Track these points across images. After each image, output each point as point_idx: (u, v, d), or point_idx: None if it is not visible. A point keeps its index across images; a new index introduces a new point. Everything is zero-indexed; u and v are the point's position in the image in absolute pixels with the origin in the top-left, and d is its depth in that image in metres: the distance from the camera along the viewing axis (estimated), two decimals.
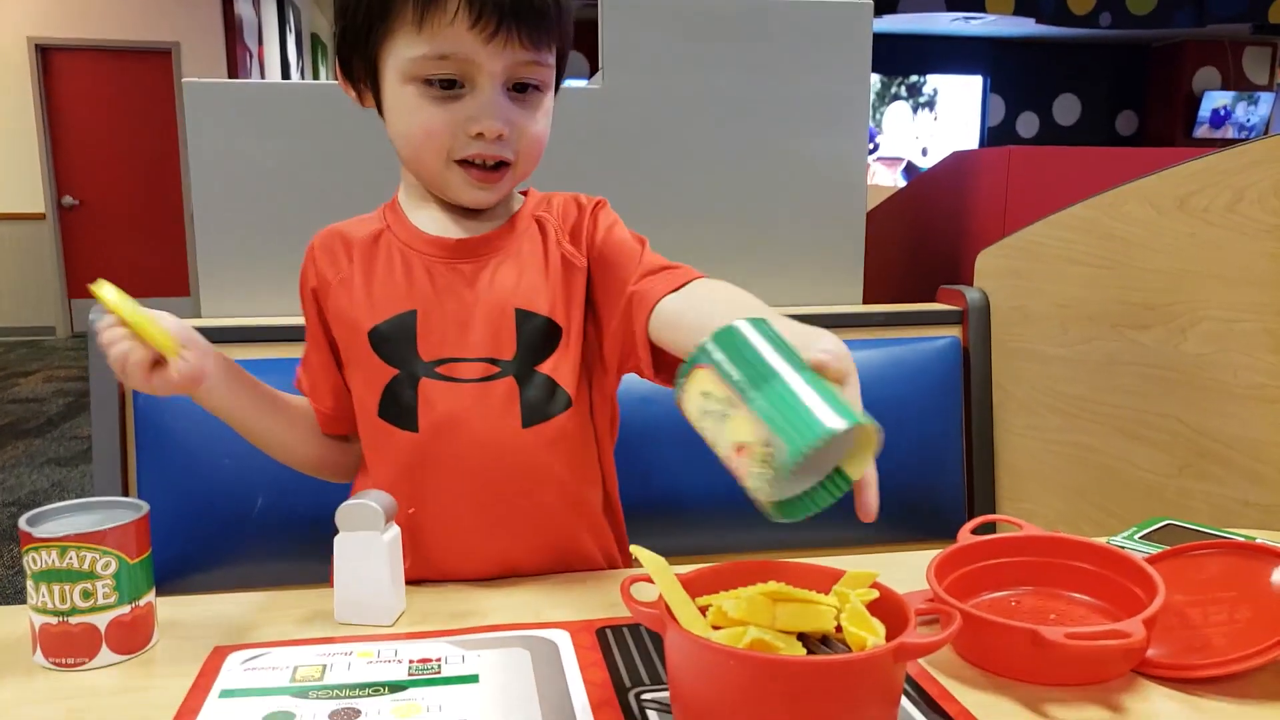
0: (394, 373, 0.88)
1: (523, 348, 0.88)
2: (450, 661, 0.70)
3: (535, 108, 0.86)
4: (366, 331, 0.89)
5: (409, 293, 0.89)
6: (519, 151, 0.86)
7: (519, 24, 0.80)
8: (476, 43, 0.80)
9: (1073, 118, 11.26)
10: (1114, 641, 0.66)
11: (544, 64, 0.84)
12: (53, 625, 0.69)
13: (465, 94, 0.82)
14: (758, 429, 0.59)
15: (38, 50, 7.19)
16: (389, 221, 0.93)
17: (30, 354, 6.74)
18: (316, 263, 0.94)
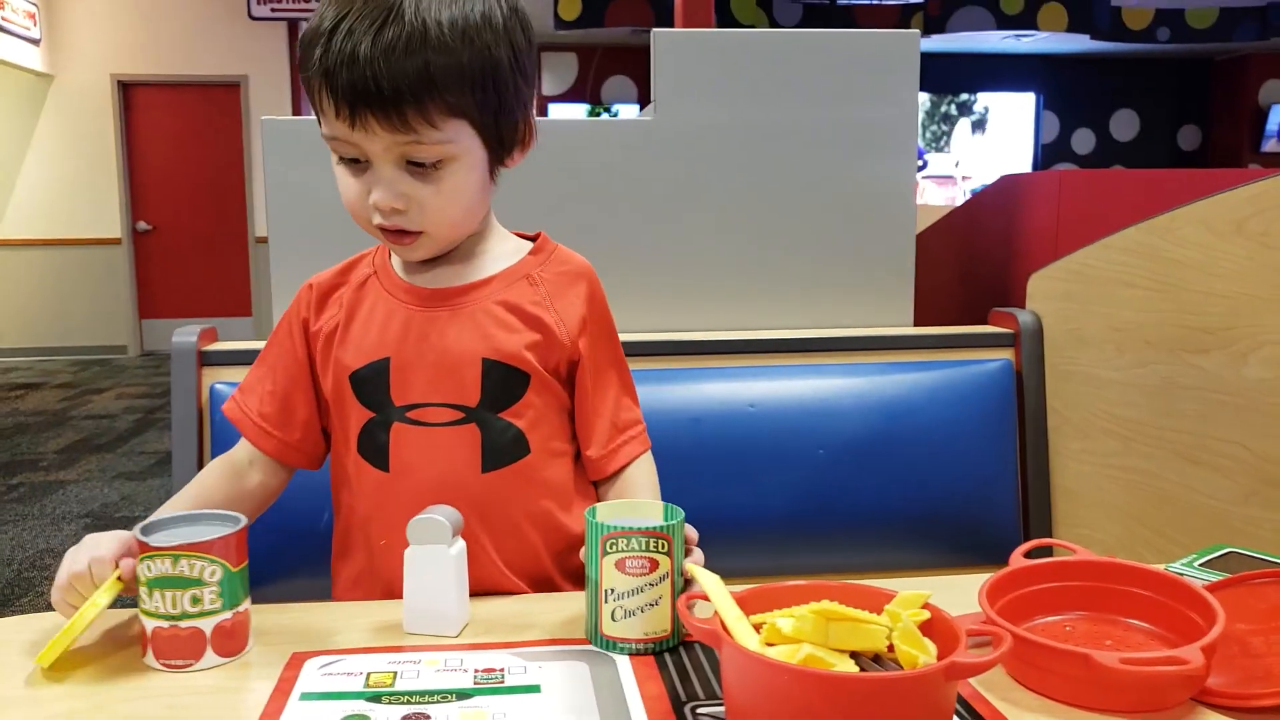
0: (371, 415, 0.94)
1: (486, 395, 0.93)
2: (513, 672, 0.73)
3: (435, 182, 0.86)
4: (348, 375, 0.94)
5: (384, 340, 0.94)
6: (423, 223, 0.88)
7: (374, 113, 0.81)
8: (345, 128, 0.83)
9: (1131, 133, 11.07)
10: (1170, 668, 0.65)
11: (430, 142, 0.84)
12: (164, 629, 0.74)
13: (369, 167, 0.86)
14: None
15: (119, 85, 7.49)
16: (376, 266, 0.98)
17: (103, 372, 6.96)
18: (315, 308, 0.99)
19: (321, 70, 0.81)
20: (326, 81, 0.81)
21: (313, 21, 0.84)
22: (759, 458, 1.30)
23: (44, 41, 7.28)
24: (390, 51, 0.80)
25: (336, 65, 0.80)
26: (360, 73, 0.80)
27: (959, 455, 1.34)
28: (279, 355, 0.99)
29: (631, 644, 0.76)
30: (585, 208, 1.50)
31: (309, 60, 0.83)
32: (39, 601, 2.86)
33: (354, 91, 0.80)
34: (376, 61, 0.80)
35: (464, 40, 0.83)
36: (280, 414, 0.98)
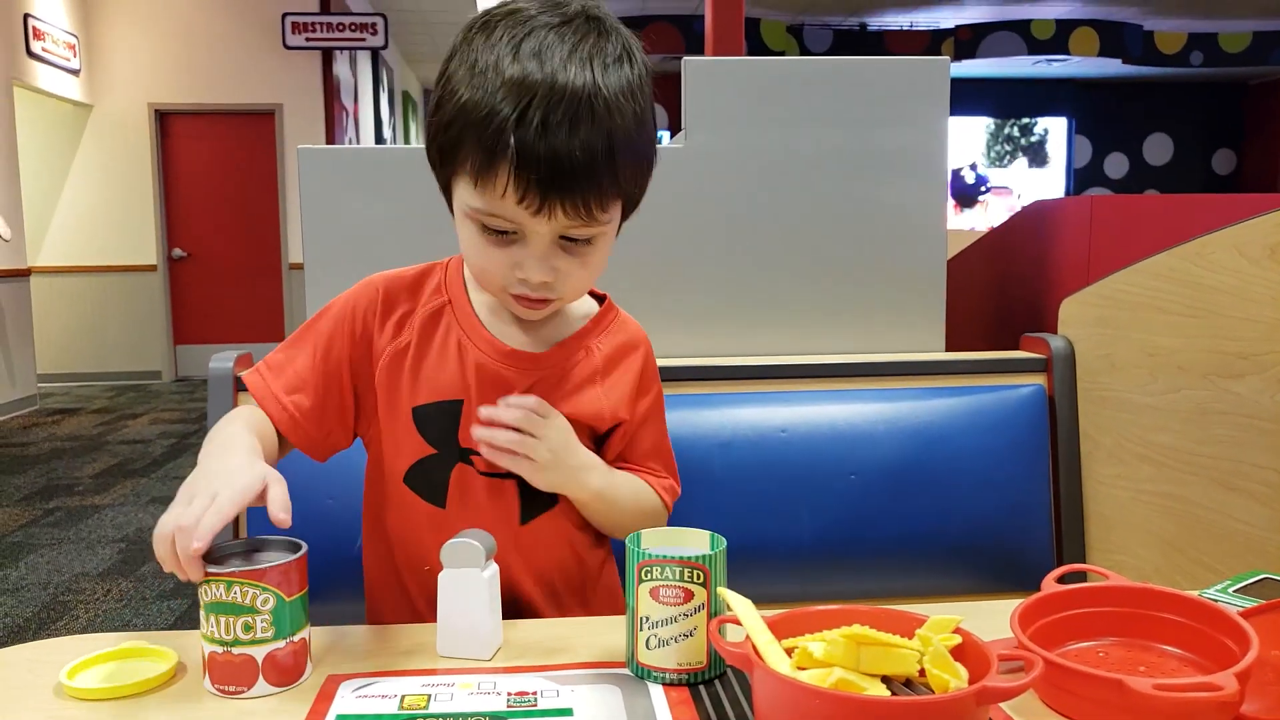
0: (432, 451, 0.95)
1: None
2: (546, 695, 0.73)
3: (586, 255, 0.88)
4: (411, 407, 0.95)
5: (460, 382, 0.95)
6: (563, 292, 0.90)
7: (564, 201, 0.82)
8: (524, 214, 0.83)
9: (1165, 158, 11.01)
10: (1205, 695, 0.65)
11: (598, 223, 0.86)
12: (218, 654, 0.75)
13: (517, 240, 0.86)
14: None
15: (156, 114, 7.66)
16: (450, 296, 0.98)
17: (138, 397, 7.06)
18: (379, 313, 0.97)
19: (515, 158, 0.79)
20: (519, 169, 0.80)
21: (480, 95, 0.81)
22: (790, 483, 1.30)
23: (83, 72, 7.46)
24: (588, 148, 0.80)
25: (534, 158, 0.79)
26: (560, 169, 0.80)
27: (991, 481, 1.34)
28: (329, 351, 0.96)
29: (666, 673, 0.76)
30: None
31: (490, 142, 0.80)
32: (74, 625, 2.90)
33: (552, 185, 0.80)
34: (573, 161, 0.80)
35: (635, 119, 0.84)
36: (317, 411, 0.96)
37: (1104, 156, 10.96)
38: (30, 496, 4.33)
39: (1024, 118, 10.91)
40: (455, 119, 0.83)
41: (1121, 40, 9.10)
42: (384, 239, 1.49)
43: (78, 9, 7.43)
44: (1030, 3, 8.55)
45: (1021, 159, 10.96)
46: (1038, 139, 10.93)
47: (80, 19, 7.45)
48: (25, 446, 5.40)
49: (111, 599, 3.10)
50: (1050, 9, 8.75)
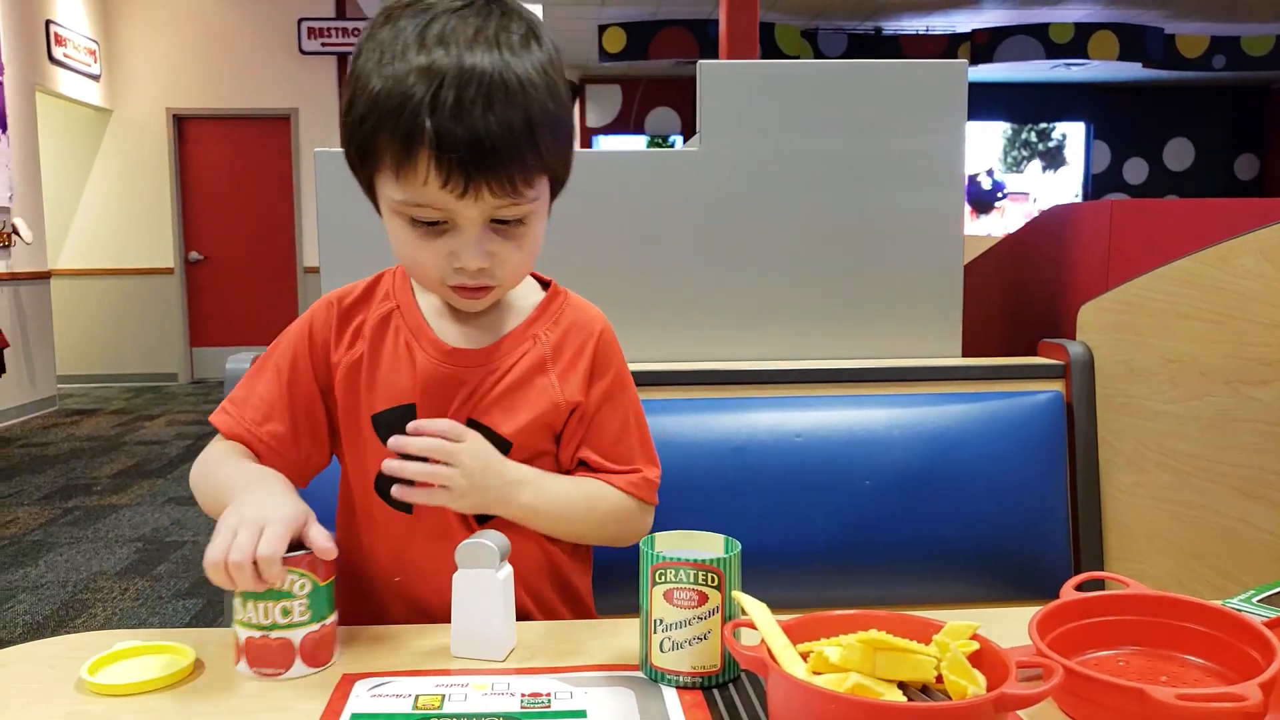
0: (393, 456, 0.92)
1: None
2: (559, 697, 0.73)
3: (519, 237, 0.88)
4: (370, 415, 0.95)
5: (412, 386, 0.94)
6: (502, 277, 0.90)
7: (488, 180, 0.81)
8: (449, 198, 0.82)
9: (1186, 163, 10.93)
10: (1227, 705, 0.64)
11: (524, 201, 0.85)
12: (256, 639, 0.77)
13: (448, 230, 0.86)
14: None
15: (174, 119, 7.73)
16: (398, 301, 0.98)
17: (155, 399, 7.12)
18: (334, 327, 0.97)
19: (433, 142, 0.79)
20: (439, 152, 0.79)
21: (390, 85, 0.80)
22: (805, 488, 1.29)
23: (103, 77, 7.53)
24: (505, 125, 0.80)
25: (452, 139, 0.79)
26: (480, 149, 0.80)
27: (1008, 488, 1.33)
28: (293, 373, 0.97)
29: (679, 676, 0.76)
30: (631, 237, 1.51)
31: (406, 128, 0.80)
32: (92, 623, 2.92)
33: (473, 165, 0.80)
34: (493, 139, 0.80)
35: (550, 96, 0.84)
36: (291, 435, 0.96)
37: (1123, 162, 10.89)
38: (49, 496, 4.37)
39: (1041, 122, 10.85)
40: (369, 113, 0.82)
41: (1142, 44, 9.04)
42: None
43: (99, 15, 7.50)
44: (1048, 6, 8.50)
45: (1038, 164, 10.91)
46: (1055, 144, 10.88)
47: (101, 25, 7.53)
48: (45, 446, 5.45)
49: (128, 597, 3.12)
50: (1069, 12, 8.70)
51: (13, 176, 6.18)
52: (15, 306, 6.19)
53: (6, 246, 6.05)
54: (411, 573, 0.95)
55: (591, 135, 10.38)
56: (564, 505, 0.96)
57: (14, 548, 3.63)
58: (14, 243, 6.13)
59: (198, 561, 3.45)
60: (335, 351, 0.97)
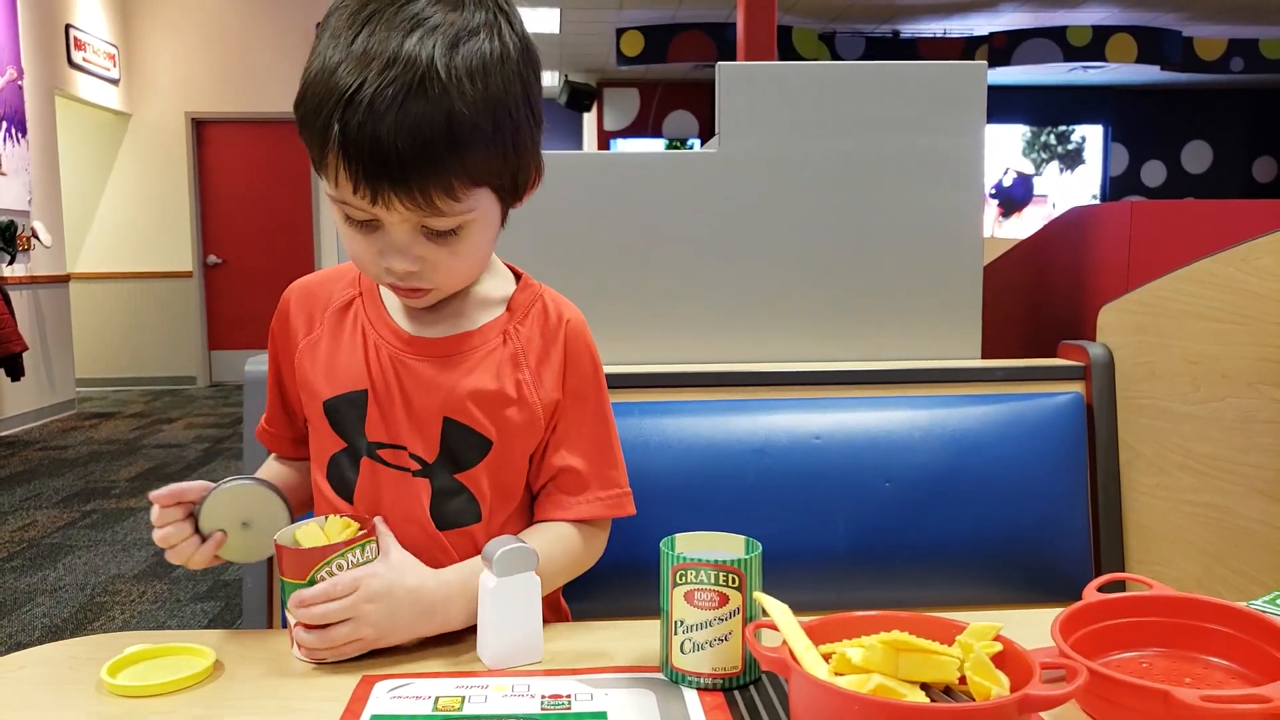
0: (342, 445, 0.93)
1: (444, 454, 0.91)
2: (580, 699, 0.73)
3: (454, 244, 0.83)
4: (322, 402, 0.94)
5: (364, 373, 0.92)
6: (436, 282, 0.86)
7: (396, 192, 0.76)
8: (363, 202, 0.78)
9: (1204, 165, 10.86)
10: (1253, 706, 0.64)
11: (450, 213, 0.79)
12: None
13: (379, 227, 0.82)
14: None
15: (193, 123, 7.79)
16: (362, 289, 0.96)
17: (173, 402, 7.16)
18: (290, 319, 0.98)
19: (339, 145, 0.75)
20: (345, 158, 0.75)
21: (318, 75, 0.77)
22: (824, 490, 1.29)
23: (122, 81, 7.59)
24: (416, 132, 0.74)
25: (357, 145, 0.74)
26: (384, 157, 0.74)
27: (1028, 489, 1.32)
28: (275, 370, 1.02)
29: (700, 678, 0.76)
30: (649, 239, 1.51)
31: (320, 126, 0.76)
32: (110, 626, 2.94)
33: (377, 174, 0.75)
34: (402, 144, 0.74)
35: (487, 106, 0.77)
36: (281, 414, 1.03)
37: (1141, 164, 10.83)
38: (68, 499, 4.40)
39: (1060, 125, 10.80)
40: (299, 102, 0.79)
41: (1160, 46, 8.99)
42: None
43: (118, 20, 7.56)
44: (1066, 9, 8.47)
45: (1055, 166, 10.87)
46: (1075, 146, 10.83)
47: (120, 29, 7.59)
48: (64, 450, 5.49)
49: (147, 600, 3.14)
50: (1087, 15, 8.66)
51: (32, 180, 6.24)
52: (34, 310, 6.24)
53: (26, 250, 6.10)
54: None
55: (609, 138, 10.40)
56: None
57: (33, 551, 3.65)
58: (33, 246, 6.19)
59: (216, 565, 3.47)
60: (296, 337, 0.97)
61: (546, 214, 1.42)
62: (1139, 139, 10.81)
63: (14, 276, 5.96)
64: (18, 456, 5.30)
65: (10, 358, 5.49)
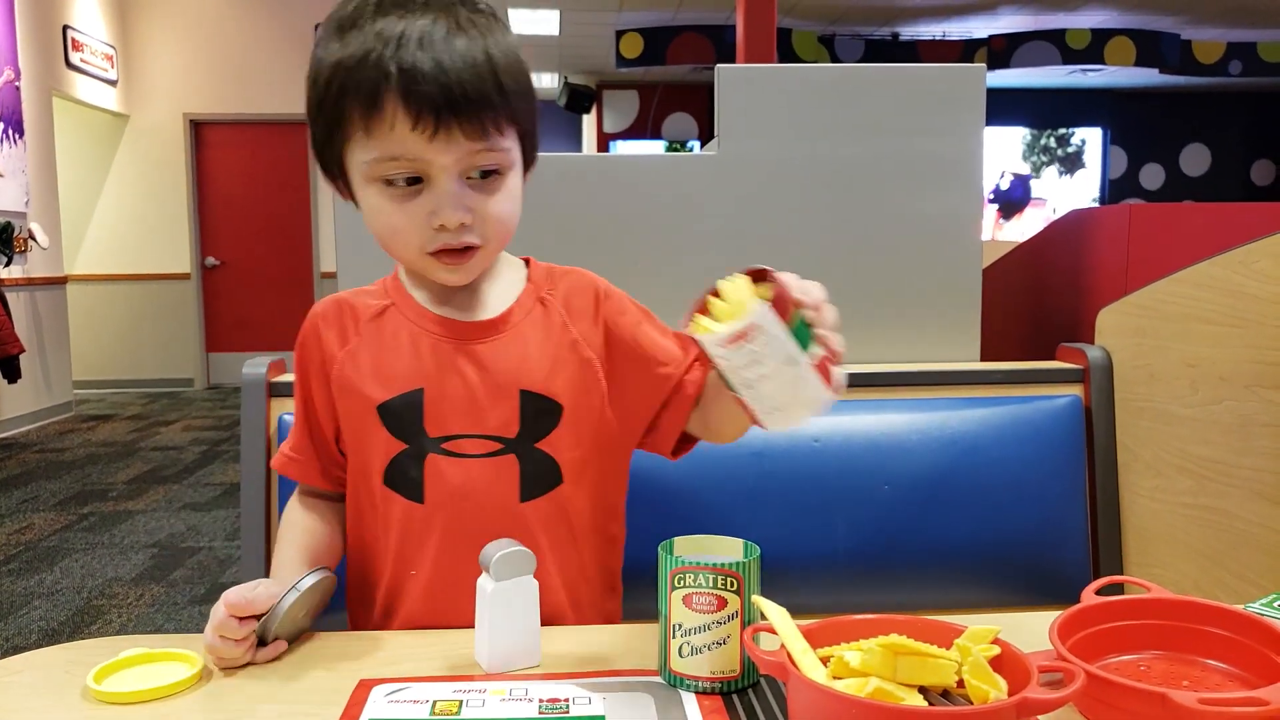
0: (402, 446, 0.93)
1: (525, 426, 0.93)
2: (578, 703, 0.73)
3: (496, 190, 0.87)
4: (375, 405, 0.93)
5: (417, 370, 0.93)
6: (484, 235, 0.88)
7: (458, 119, 0.81)
8: (421, 142, 0.81)
9: (1202, 168, 10.87)
10: (1251, 709, 0.64)
11: (498, 148, 0.85)
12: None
13: (424, 188, 0.84)
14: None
15: (191, 124, 7.78)
16: (394, 298, 0.97)
17: (171, 404, 7.15)
18: (321, 336, 0.98)
19: (400, 83, 0.80)
20: (406, 94, 0.80)
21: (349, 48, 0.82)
22: (823, 493, 1.29)
23: (120, 83, 7.59)
24: (469, 59, 0.81)
25: (420, 75, 0.79)
26: (447, 81, 0.80)
27: (1027, 492, 1.32)
28: (305, 393, 1.00)
29: (699, 682, 0.76)
30: (649, 241, 1.51)
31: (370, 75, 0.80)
32: (107, 629, 2.93)
33: (441, 101, 0.80)
34: (458, 69, 0.80)
35: (510, 50, 0.85)
36: (308, 442, 1.00)
37: (1140, 167, 10.85)
38: (65, 501, 4.40)
39: (1059, 128, 10.82)
40: (333, 76, 0.83)
41: (1159, 50, 9.01)
42: None
43: (116, 21, 7.56)
44: (1065, 12, 8.48)
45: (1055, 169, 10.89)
46: (1075, 149, 10.85)
47: (118, 30, 7.59)
48: (61, 452, 5.48)
49: (144, 604, 3.14)
50: (1086, 18, 8.68)
51: (29, 182, 6.24)
52: (32, 312, 6.24)
53: (23, 252, 6.10)
54: (427, 564, 0.94)
55: (608, 141, 10.40)
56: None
57: (29, 554, 3.65)
58: (30, 248, 6.18)
59: (213, 567, 3.47)
60: (329, 350, 0.97)
61: (545, 216, 1.42)
62: (1138, 142, 10.82)
63: (11, 278, 5.95)
64: (14, 459, 5.29)
65: (7, 360, 5.49)
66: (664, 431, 0.98)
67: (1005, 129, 10.69)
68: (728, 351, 0.72)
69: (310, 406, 0.99)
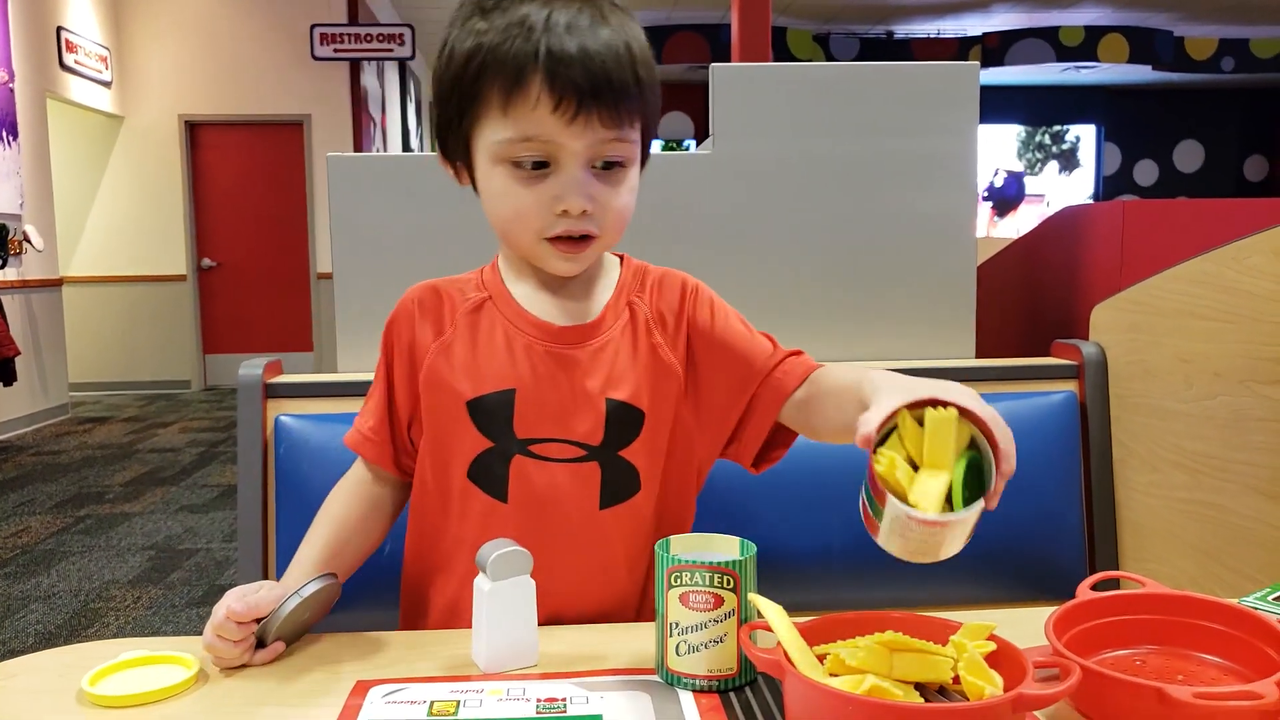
0: (489, 444, 0.93)
1: (610, 434, 0.93)
2: (575, 702, 0.73)
3: (619, 183, 0.89)
4: (466, 400, 0.93)
5: (511, 371, 0.93)
6: (603, 225, 0.89)
7: (599, 105, 0.82)
8: (559, 125, 0.83)
9: (1195, 164, 10.89)
10: (1246, 703, 0.64)
11: (627, 140, 0.87)
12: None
13: (550, 173, 0.85)
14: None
15: (186, 125, 7.77)
16: (491, 292, 0.96)
17: (168, 406, 7.14)
18: (415, 323, 0.97)
19: (546, 64, 0.81)
20: (551, 74, 0.81)
21: (493, 29, 0.83)
22: (819, 490, 1.29)
23: (115, 84, 7.57)
24: (612, 48, 0.83)
25: (569, 58, 0.81)
26: (592, 67, 0.81)
27: (1022, 488, 1.31)
28: (388, 375, 0.99)
29: (696, 680, 0.76)
30: (643, 239, 1.51)
31: (516, 54, 0.82)
32: (105, 632, 2.93)
33: (585, 85, 0.81)
34: (602, 57, 0.82)
35: (645, 45, 0.87)
36: (387, 424, 0.98)
37: (1133, 164, 10.86)
38: (62, 504, 4.39)
39: (1053, 125, 10.83)
40: (474, 54, 0.84)
41: (1152, 47, 9.02)
42: (413, 247, 1.49)
43: (110, 22, 7.55)
44: (1059, 9, 8.49)
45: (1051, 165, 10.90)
46: (1069, 146, 10.86)
47: (112, 32, 7.57)
48: (57, 455, 5.47)
49: (141, 606, 3.13)
50: (1079, 16, 8.69)
51: (24, 184, 6.22)
52: (27, 314, 6.22)
53: (18, 254, 6.09)
54: None
55: None
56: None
57: (26, 557, 3.64)
58: (25, 250, 6.17)
59: (211, 569, 3.46)
60: (421, 339, 0.96)
61: None
62: (1131, 139, 10.84)
63: (6, 280, 5.94)
64: (10, 462, 5.28)
65: (3, 363, 5.48)
66: (750, 432, 0.97)
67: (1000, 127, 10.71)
68: (911, 526, 0.65)
69: (392, 391, 0.98)
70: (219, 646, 0.80)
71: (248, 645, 0.81)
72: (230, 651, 0.80)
